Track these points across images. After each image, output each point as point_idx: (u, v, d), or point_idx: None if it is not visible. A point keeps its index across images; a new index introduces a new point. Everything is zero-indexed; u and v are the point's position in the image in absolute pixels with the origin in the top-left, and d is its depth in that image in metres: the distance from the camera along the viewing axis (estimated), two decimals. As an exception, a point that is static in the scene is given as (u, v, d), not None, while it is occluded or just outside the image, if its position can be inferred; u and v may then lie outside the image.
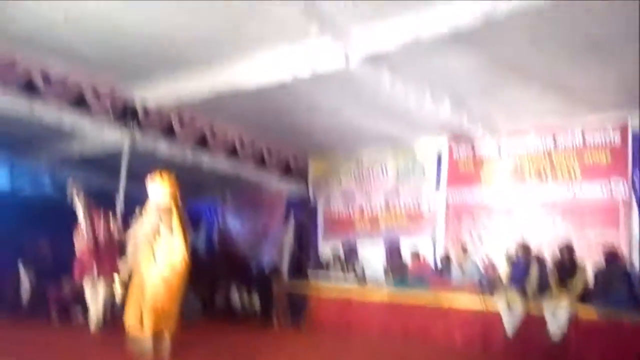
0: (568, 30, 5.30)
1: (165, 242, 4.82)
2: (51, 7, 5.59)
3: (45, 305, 8.32)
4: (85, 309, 7.05)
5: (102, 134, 8.27)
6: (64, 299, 8.34)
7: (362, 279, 9.24)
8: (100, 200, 7.36)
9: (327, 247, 10.68)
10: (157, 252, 4.81)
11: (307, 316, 8.95)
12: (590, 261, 7.14)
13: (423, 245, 9.28)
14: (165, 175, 4.99)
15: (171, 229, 4.82)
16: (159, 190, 4.91)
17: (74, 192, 6.66)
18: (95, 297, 6.70)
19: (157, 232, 4.84)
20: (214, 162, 9.39)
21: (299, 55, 6.15)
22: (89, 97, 7.65)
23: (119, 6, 5.50)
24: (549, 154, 8.18)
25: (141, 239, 4.89)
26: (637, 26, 5.10)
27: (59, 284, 8.54)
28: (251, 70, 6.61)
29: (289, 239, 11.46)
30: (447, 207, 9.19)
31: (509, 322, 6.73)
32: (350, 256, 10.04)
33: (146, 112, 8.27)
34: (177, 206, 4.88)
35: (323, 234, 11.06)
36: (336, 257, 9.99)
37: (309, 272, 9.88)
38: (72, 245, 11.12)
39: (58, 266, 10.10)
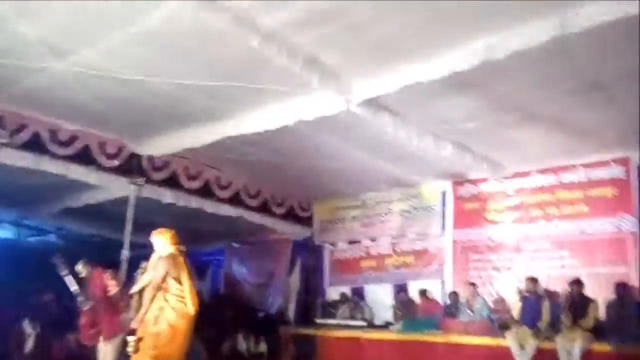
0: (567, 70, 5.39)
1: (174, 291, 4.99)
2: (59, 66, 5.74)
3: None
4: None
5: (108, 186, 8.34)
6: (69, 355, 8.25)
7: (370, 321, 9.15)
8: (106, 249, 7.35)
9: (334, 290, 10.61)
10: (167, 302, 4.95)
11: None
12: (600, 296, 7.10)
13: (431, 286, 9.22)
14: (167, 230, 5.40)
15: (179, 279, 4.99)
16: (164, 242, 5.24)
17: (60, 264, 6.60)
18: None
19: (164, 282, 5.00)
20: (219, 209, 9.42)
21: (302, 103, 6.27)
22: (95, 151, 7.78)
23: (126, 63, 5.65)
24: (554, 191, 8.22)
25: (149, 290, 4.99)
26: (636, 65, 5.20)
27: (64, 339, 8.46)
28: (256, 121, 6.72)
29: (295, 283, 11.41)
30: (454, 246, 9.17)
31: (521, 357, 6.62)
32: (357, 298, 9.97)
33: (152, 163, 8.37)
34: (183, 257, 5.14)
35: (330, 277, 11.01)
36: (343, 300, 9.92)
37: (317, 315, 9.81)
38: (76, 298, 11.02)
39: (63, 320, 10.04)
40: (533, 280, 7.43)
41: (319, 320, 9.57)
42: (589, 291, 7.11)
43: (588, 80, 5.58)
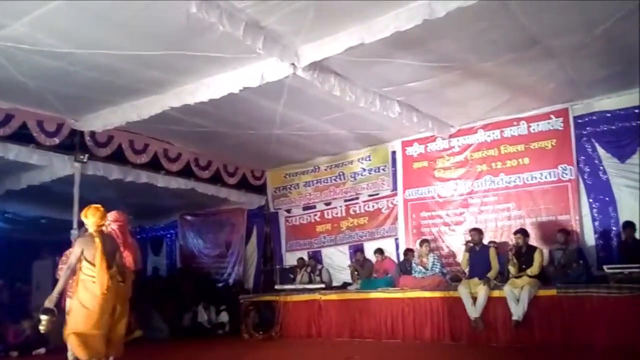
0: (506, 26, 5.46)
1: (86, 272, 5.01)
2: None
3: (5, 347, 8.03)
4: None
5: (50, 165, 8.04)
6: (26, 340, 8.09)
7: (328, 283, 9.33)
8: (55, 231, 7.17)
9: (291, 256, 10.73)
10: (82, 282, 5.01)
11: (277, 325, 8.96)
12: (545, 243, 7.46)
13: (386, 245, 9.44)
14: (93, 208, 5.18)
15: (92, 260, 4.99)
16: (87, 221, 5.15)
17: None
18: None
19: (79, 262, 5.02)
20: (169, 182, 9.26)
21: (247, 71, 6.17)
22: (34, 129, 7.45)
23: (57, 35, 5.38)
24: (498, 146, 8.45)
25: (66, 270, 5.05)
26: (571, 20, 5.36)
27: (18, 325, 8.27)
28: (200, 88, 6.59)
29: (252, 251, 11.48)
30: (406, 205, 9.37)
31: (473, 309, 6.92)
32: (315, 262, 10.12)
33: (94, 138, 8.10)
34: (100, 238, 5.06)
35: (286, 243, 11.09)
36: (301, 265, 10.04)
37: (276, 282, 9.92)
38: (28, 282, 10.78)
39: (16, 305, 9.81)
40: (477, 231, 7.72)
41: (278, 287, 9.67)
42: (534, 240, 7.46)
43: (527, 36, 5.69)
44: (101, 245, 5.03)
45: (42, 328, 4.88)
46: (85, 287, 4.99)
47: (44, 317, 4.82)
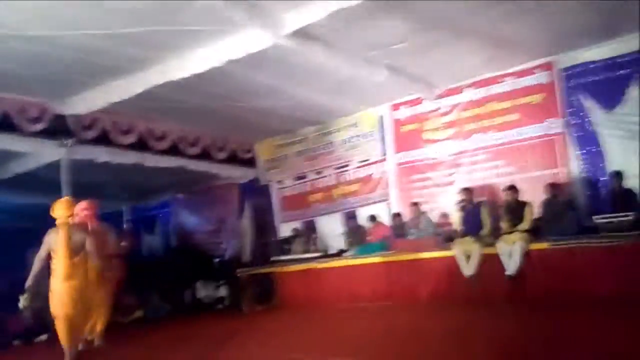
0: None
1: (54, 262, 5.62)
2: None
3: (6, 336, 8.06)
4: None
5: (36, 152, 7.95)
6: (28, 329, 8.12)
7: (324, 251, 9.41)
8: (46, 218, 7.13)
9: (286, 227, 10.79)
10: (52, 270, 5.62)
11: (276, 296, 9.06)
12: (536, 198, 7.53)
13: (379, 210, 9.49)
14: (59, 202, 5.77)
15: (56, 251, 5.57)
16: (55, 216, 5.65)
17: None
18: None
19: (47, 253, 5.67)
20: (158, 161, 9.20)
21: (229, 42, 6.07)
22: (16, 117, 7.35)
23: (30, 17, 5.26)
24: (485, 103, 8.45)
25: (36, 261, 5.69)
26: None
27: (18, 314, 8.27)
28: (183, 63, 6.49)
29: (247, 225, 11.50)
30: (397, 168, 9.40)
31: (467, 267, 7.03)
32: (309, 231, 10.19)
33: (79, 122, 7.99)
34: (66, 229, 5.59)
35: (280, 215, 11.14)
36: (296, 235, 10.11)
37: (272, 254, 10.00)
38: (22, 270, 10.72)
39: (15, 295, 9.79)
40: (467, 190, 7.78)
41: (274, 258, 9.76)
42: (525, 195, 7.52)
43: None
44: (65, 236, 5.54)
45: (20, 305, 5.76)
46: (53, 275, 5.59)
47: (21, 297, 5.68)
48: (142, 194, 13.10)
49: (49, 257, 5.71)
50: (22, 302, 5.71)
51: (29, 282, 5.68)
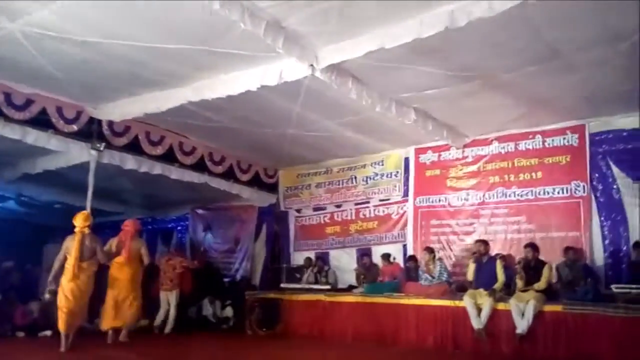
0: (527, 38, 5.45)
1: (67, 263, 6.78)
2: (11, 26, 5.55)
3: (10, 326, 8.17)
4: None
5: (67, 152, 8.16)
6: (33, 322, 8.22)
7: (334, 284, 9.36)
8: (69, 216, 7.31)
9: (299, 256, 10.77)
10: (64, 271, 6.76)
11: (281, 323, 9.01)
12: (553, 259, 7.41)
13: (394, 250, 9.44)
14: (79, 214, 7.04)
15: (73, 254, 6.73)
16: (74, 224, 6.91)
17: None
18: None
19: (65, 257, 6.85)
20: (183, 175, 9.35)
21: (265, 69, 6.22)
22: (53, 115, 7.58)
23: (82, 25, 5.49)
24: (512, 158, 8.43)
25: (56, 261, 6.93)
26: (594, 34, 5.34)
27: (26, 306, 8.40)
28: (219, 84, 6.65)
29: (261, 248, 11.52)
30: (416, 211, 9.38)
31: (477, 320, 6.91)
32: (322, 263, 10.16)
33: (112, 128, 8.21)
34: (78, 237, 6.80)
35: (295, 243, 11.13)
36: (308, 265, 10.09)
37: (282, 280, 9.98)
38: (39, 264, 10.92)
39: (25, 287, 9.96)
40: (483, 243, 7.73)
41: (284, 285, 9.74)
42: (543, 254, 7.41)
43: (547, 49, 5.66)
44: (78, 243, 6.72)
45: (45, 298, 7.20)
46: (63, 274, 6.73)
47: (46, 291, 7.03)
48: (162, 205, 13.26)
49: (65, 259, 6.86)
50: (47, 295, 6.92)
51: (50, 279, 6.87)
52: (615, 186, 7.51)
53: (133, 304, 7.65)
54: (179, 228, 13.38)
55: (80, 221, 6.90)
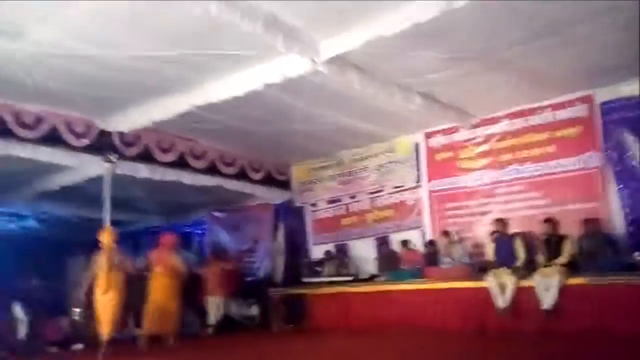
0: (527, 15, 5.42)
1: (99, 277, 7.23)
2: (13, 47, 5.63)
3: (42, 342, 8.32)
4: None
5: (81, 166, 8.27)
6: (64, 336, 8.37)
7: (355, 275, 9.39)
8: (87, 229, 7.45)
9: (318, 249, 10.81)
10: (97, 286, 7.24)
11: (306, 318, 9.08)
12: (573, 232, 7.35)
13: (412, 236, 9.43)
14: (107, 230, 7.45)
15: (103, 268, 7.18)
16: (101, 239, 7.35)
17: None
18: None
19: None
20: (196, 180, 9.43)
21: (268, 67, 6.25)
22: (63, 131, 7.69)
23: (83, 39, 5.54)
24: (522, 134, 8.36)
25: (86, 277, 7.44)
26: (594, 6, 5.28)
27: (56, 321, 8.55)
28: (224, 86, 6.70)
29: (280, 245, 11.57)
30: (430, 196, 9.36)
31: (501, 299, 6.90)
32: (341, 255, 10.19)
33: (122, 138, 8.30)
34: (107, 252, 7.24)
35: (313, 237, 11.18)
36: (328, 258, 10.13)
37: (304, 275, 10.03)
38: (63, 279, 11.11)
39: (53, 302, 10.13)
40: (501, 221, 7.69)
41: (306, 280, 9.79)
42: (562, 228, 7.35)
43: (548, 23, 5.62)
44: (106, 258, 7.18)
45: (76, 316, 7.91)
46: (97, 288, 7.21)
47: (75, 309, 7.78)
48: (179, 210, 13.38)
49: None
50: (76, 314, 7.61)
51: (81, 296, 7.45)
52: (630, 153, 7.41)
53: (172, 313, 8.02)
54: (197, 232, 13.49)
55: (106, 237, 7.34)
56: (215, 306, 9.69)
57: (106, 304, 7.16)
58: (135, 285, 7.88)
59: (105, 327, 7.15)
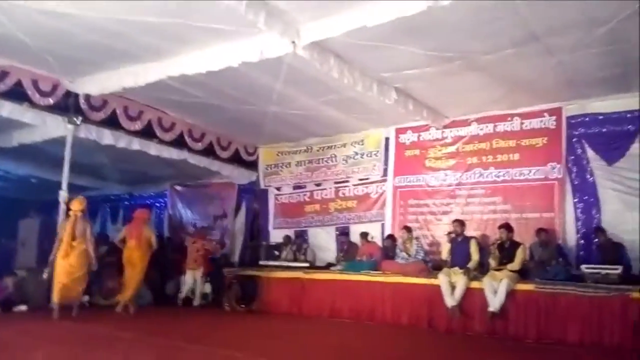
0: (508, 21, 5.50)
1: (62, 242, 7.47)
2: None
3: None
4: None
5: (43, 125, 8.02)
6: (7, 297, 8.14)
7: (312, 262, 9.44)
8: (44, 191, 7.26)
9: (278, 233, 10.82)
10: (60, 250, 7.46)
11: (258, 300, 9.09)
12: (528, 239, 7.57)
13: (372, 229, 9.53)
14: (76, 200, 7.73)
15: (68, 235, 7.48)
16: (71, 207, 7.65)
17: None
18: None
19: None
20: (162, 151, 9.27)
21: (246, 45, 6.14)
22: (29, 88, 7.44)
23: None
24: (490, 140, 8.52)
25: (56, 241, 7.54)
26: (573, 19, 5.39)
27: (1, 282, 8.31)
28: (199, 59, 6.57)
29: (240, 226, 11.54)
30: (394, 191, 9.46)
31: (451, 298, 7.06)
32: (300, 241, 10.23)
33: (89, 102, 8.09)
34: (73, 219, 7.53)
35: (274, 221, 11.18)
36: (287, 243, 10.15)
37: (261, 257, 10.03)
38: (14, 240, 10.83)
39: (0, 261, 9.85)
40: (460, 223, 7.85)
41: (263, 262, 9.80)
42: (518, 235, 7.56)
43: (528, 31, 5.71)
44: (71, 225, 7.48)
45: (44, 276, 7.63)
46: (58, 252, 7.42)
47: (45, 270, 7.57)
48: (141, 181, 13.17)
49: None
50: (45, 274, 7.53)
51: (51, 258, 7.49)
52: (589, 168, 7.68)
53: (135, 283, 8.49)
54: (157, 204, 13.31)
55: (76, 205, 7.63)
56: (191, 279, 9.79)
57: (64, 268, 7.34)
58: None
59: (58, 290, 7.29)
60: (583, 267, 6.73)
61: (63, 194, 8.06)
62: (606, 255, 6.87)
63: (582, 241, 7.60)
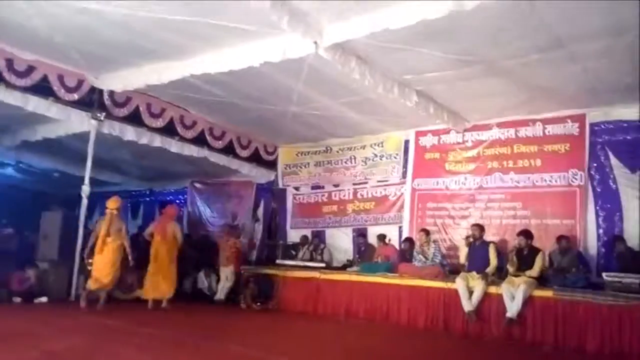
0: (532, 27, 5.45)
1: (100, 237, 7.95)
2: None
3: (7, 292, 8.23)
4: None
5: (68, 120, 8.16)
6: (29, 288, 8.29)
7: (329, 263, 9.46)
8: (66, 185, 7.39)
9: (295, 233, 10.86)
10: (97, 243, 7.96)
11: (275, 299, 9.13)
12: (548, 246, 7.49)
13: (390, 231, 9.51)
14: (112, 199, 8.27)
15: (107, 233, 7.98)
16: (107, 205, 8.18)
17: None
18: None
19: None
20: (182, 149, 9.37)
21: (269, 45, 6.17)
22: (54, 83, 7.57)
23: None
24: (511, 144, 8.45)
25: (91, 237, 8.03)
26: (598, 26, 5.32)
27: (24, 272, 8.46)
28: (221, 58, 6.61)
29: (258, 224, 11.59)
30: (413, 194, 9.42)
31: (468, 302, 7.01)
32: (317, 241, 10.25)
33: (113, 98, 8.21)
34: (109, 217, 8.08)
35: (292, 220, 11.21)
36: (304, 242, 10.18)
37: (278, 256, 10.07)
38: (36, 232, 11.03)
39: (23, 253, 10.03)
40: (479, 227, 7.78)
41: (279, 261, 9.84)
42: (537, 241, 7.47)
43: (553, 37, 5.65)
44: (107, 223, 7.98)
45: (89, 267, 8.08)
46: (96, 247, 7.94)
47: (87, 262, 8.07)
48: (161, 177, 13.31)
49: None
50: (88, 266, 7.98)
51: (87, 252, 8.02)
52: (612, 176, 7.57)
53: (167, 278, 8.71)
54: (177, 201, 13.44)
55: (112, 204, 8.19)
56: (225, 276, 9.80)
57: (97, 263, 7.89)
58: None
59: (92, 281, 7.86)
60: (604, 274, 6.62)
61: (85, 189, 8.21)
62: (626, 264, 6.76)
63: (603, 249, 7.49)
